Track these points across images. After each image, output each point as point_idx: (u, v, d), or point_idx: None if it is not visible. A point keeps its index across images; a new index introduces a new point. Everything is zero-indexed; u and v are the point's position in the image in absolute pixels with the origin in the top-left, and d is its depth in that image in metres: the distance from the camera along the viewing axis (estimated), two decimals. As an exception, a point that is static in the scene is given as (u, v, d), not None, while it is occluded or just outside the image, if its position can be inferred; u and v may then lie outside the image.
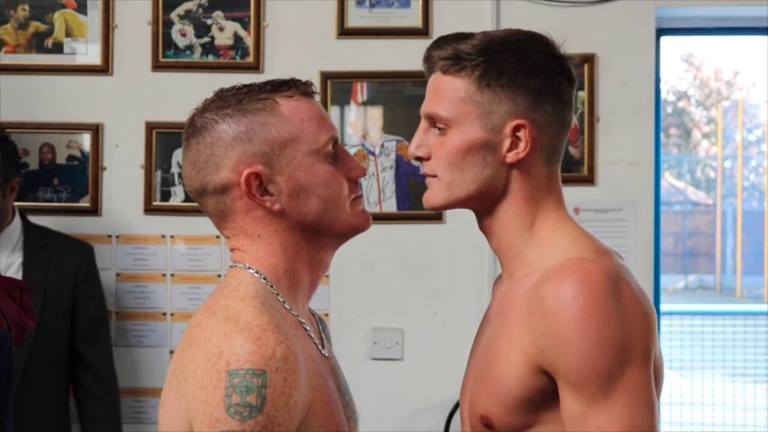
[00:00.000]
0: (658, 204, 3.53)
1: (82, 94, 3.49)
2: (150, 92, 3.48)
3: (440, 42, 1.56)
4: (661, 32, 3.53)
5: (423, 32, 3.40)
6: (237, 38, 3.47)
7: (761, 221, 13.94)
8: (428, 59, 1.57)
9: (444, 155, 1.53)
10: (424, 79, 1.60)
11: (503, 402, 1.48)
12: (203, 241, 3.44)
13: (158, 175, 3.46)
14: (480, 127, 1.52)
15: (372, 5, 3.45)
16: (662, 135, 3.71)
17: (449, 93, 1.53)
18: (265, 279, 1.49)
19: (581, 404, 1.41)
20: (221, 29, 3.47)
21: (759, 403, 6.99)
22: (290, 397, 1.36)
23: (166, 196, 3.47)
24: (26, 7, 3.50)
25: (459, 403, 1.70)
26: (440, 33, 1.62)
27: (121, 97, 3.48)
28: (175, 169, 3.44)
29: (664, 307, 4.85)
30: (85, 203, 3.47)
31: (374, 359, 3.43)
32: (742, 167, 15.41)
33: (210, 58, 3.47)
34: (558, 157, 1.57)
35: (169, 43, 3.48)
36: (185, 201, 3.43)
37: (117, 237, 3.47)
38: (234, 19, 3.47)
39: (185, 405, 1.40)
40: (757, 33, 3.79)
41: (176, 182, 3.45)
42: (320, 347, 1.53)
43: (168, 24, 3.47)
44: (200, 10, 3.48)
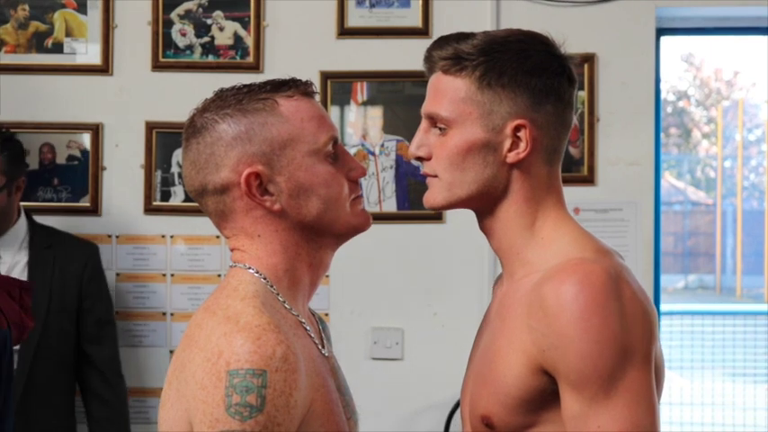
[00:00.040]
0: (658, 204, 3.53)
1: (82, 94, 3.49)
2: (150, 92, 3.48)
3: (440, 42, 1.56)
4: (661, 32, 3.53)
5: (423, 32, 3.40)
6: (237, 38, 3.47)
7: (761, 221, 13.95)
8: (429, 59, 1.57)
9: (445, 155, 1.53)
10: (424, 79, 1.60)
11: (503, 402, 1.48)
12: (203, 241, 3.44)
13: (158, 175, 3.46)
14: (481, 127, 1.52)
15: (372, 5, 3.45)
16: (662, 135, 3.71)
17: (449, 93, 1.53)
18: (265, 279, 1.49)
19: (582, 404, 1.41)
20: (221, 29, 3.47)
21: (759, 403, 6.99)
22: (291, 397, 1.36)
23: (166, 196, 3.47)
24: (26, 7, 3.50)
25: (459, 403, 1.70)
26: (440, 33, 1.62)
27: (121, 97, 3.48)
28: (175, 169, 3.44)
29: (664, 307, 4.85)
30: (85, 203, 3.47)
31: (374, 359, 3.43)
32: (742, 167, 15.41)
33: (210, 58, 3.47)
34: (559, 157, 1.57)
35: (169, 43, 3.48)
36: (185, 201, 3.42)
37: (117, 237, 3.47)
38: (234, 19, 3.47)
39: (185, 405, 1.40)
40: (757, 33, 3.79)
41: (176, 182, 3.45)
42: (320, 347, 1.53)
43: (168, 24, 3.47)
44: (200, 10, 3.48)
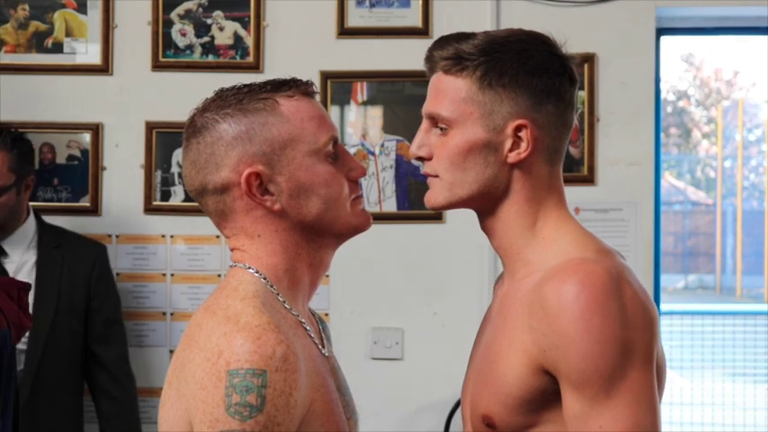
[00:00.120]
0: (658, 204, 3.53)
1: (82, 94, 3.49)
2: (150, 92, 3.48)
3: (441, 42, 1.55)
4: (661, 32, 3.53)
5: (423, 32, 3.40)
6: (237, 38, 3.46)
7: (761, 221, 13.94)
8: (430, 59, 1.57)
9: (446, 155, 1.53)
10: (425, 79, 1.60)
11: (504, 402, 1.48)
12: (203, 241, 3.44)
13: (158, 175, 3.46)
14: (482, 127, 1.52)
15: (372, 5, 3.45)
16: (662, 135, 3.71)
17: (450, 93, 1.53)
18: (265, 279, 1.49)
19: (583, 404, 1.40)
20: (221, 29, 3.47)
21: (759, 403, 6.98)
22: (290, 396, 1.36)
23: (166, 196, 3.47)
24: (26, 7, 3.50)
25: (459, 403, 1.70)
26: (440, 33, 1.62)
27: (121, 97, 3.48)
28: (175, 169, 3.44)
29: (664, 307, 4.85)
30: (85, 203, 3.47)
31: (374, 359, 3.43)
32: (742, 167, 15.41)
33: (210, 58, 3.47)
34: (560, 157, 1.57)
35: (169, 43, 3.47)
36: (185, 200, 3.42)
37: (117, 236, 3.47)
38: (234, 19, 3.47)
39: (185, 405, 1.40)
40: (757, 33, 3.79)
41: (176, 182, 3.45)
42: (320, 347, 1.53)
43: (168, 24, 3.47)
44: (200, 10, 3.48)
